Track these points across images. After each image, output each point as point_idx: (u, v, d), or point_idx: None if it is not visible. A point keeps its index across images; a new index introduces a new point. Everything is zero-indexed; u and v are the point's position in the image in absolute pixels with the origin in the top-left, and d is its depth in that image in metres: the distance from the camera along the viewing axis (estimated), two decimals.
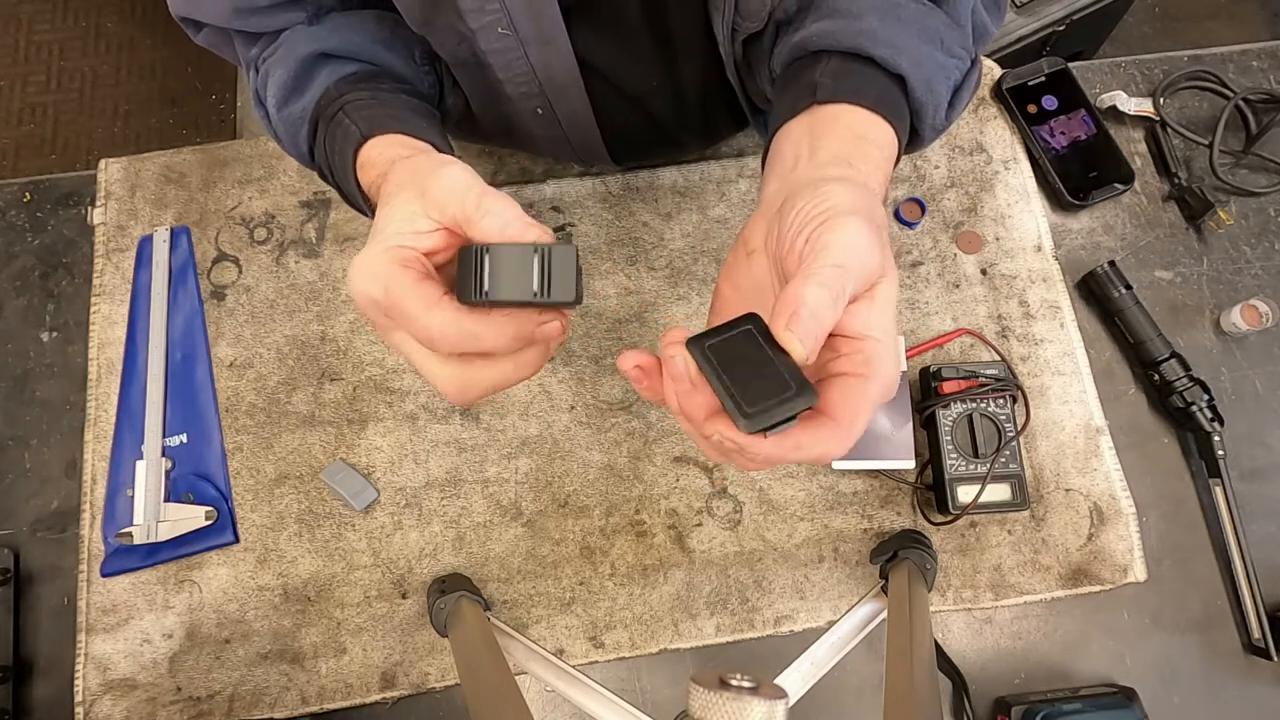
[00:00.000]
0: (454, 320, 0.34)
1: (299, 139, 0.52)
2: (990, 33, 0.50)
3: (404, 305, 0.34)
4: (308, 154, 0.53)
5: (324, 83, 0.51)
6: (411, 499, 0.68)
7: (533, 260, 0.33)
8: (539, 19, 0.52)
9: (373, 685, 0.65)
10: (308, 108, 0.51)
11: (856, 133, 0.41)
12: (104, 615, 0.66)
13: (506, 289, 0.33)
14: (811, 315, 0.31)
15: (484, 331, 0.35)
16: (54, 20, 1.97)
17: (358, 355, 0.72)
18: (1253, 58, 0.80)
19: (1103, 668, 0.66)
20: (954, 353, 0.71)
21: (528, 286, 0.33)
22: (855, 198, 0.35)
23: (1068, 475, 0.68)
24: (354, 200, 0.50)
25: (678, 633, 0.65)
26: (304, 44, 0.52)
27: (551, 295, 0.33)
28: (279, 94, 0.51)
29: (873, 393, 0.33)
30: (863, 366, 0.33)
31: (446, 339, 0.34)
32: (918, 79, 0.43)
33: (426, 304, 0.34)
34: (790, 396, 0.31)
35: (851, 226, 0.33)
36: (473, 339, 0.35)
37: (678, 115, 0.66)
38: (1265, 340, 0.72)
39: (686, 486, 0.68)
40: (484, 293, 0.33)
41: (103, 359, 0.72)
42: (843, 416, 0.32)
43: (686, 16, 0.56)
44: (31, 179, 0.80)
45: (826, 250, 0.32)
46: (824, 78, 0.42)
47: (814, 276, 0.31)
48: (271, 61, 0.52)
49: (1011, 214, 0.74)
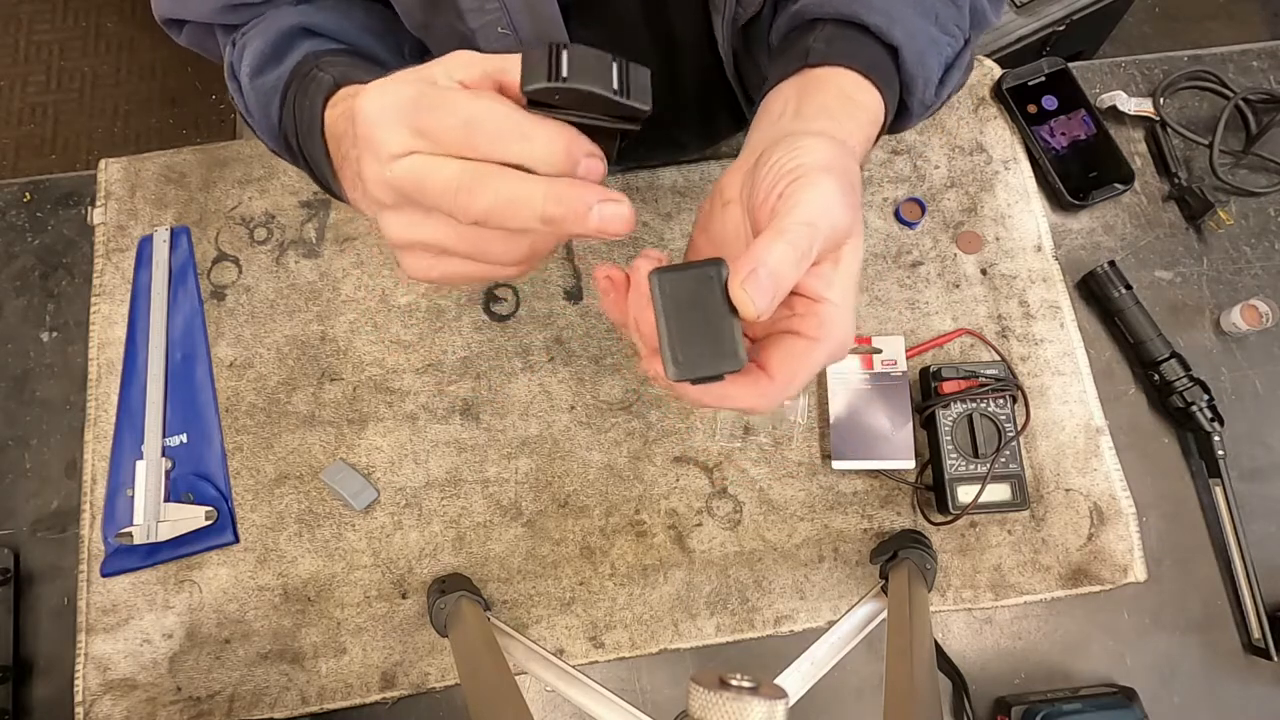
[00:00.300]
0: (501, 105, 0.30)
1: (270, 109, 0.48)
2: (989, 21, 0.50)
3: (439, 95, 0.30)
4: (277, 124, 0.49)
5: (302, 53, 0.48)
6: (411, 499, 0.68)
7: (611, 64, 0.30)
8: (538, 18, 0.52)
9: (373, 685, 0.65)
10: (283, 76, 0.48)
11: (845, 92, 0.41)
12: (104, 615, 0.66)
13: (584, 76, 0.29)
14: (770, 274, 0.30)
15: (532, 129, 0.30)
16: (54, 20, 1.97)
17: (358, 355, 0.72)
18: (1253, 58, 0.80)
19: (1103, 668, 0.66)
20: (954, 353, 0.71)
21: (607, 82, 0.30)
22: (831, 153, 0.34)
23: (1068, 475, 0.68)
24: (318, 165, 0.45)
25: (678, 633, 0.65)
26: (288, 17, 0.50)
27: (630, 97, 0.30)
28: (255, 62, 0.48)
29: (819, 356, 0.32)
30: (815, 329, 0.33)
31: (490, 122, 0.29)
32: (910, 50, 0.43)
33: (471, 93, 0.30)
34: (722, 355, 0.30)
35: (825, 184, 0.32)
36: (518, 136, 0.30)
37: (678, 115, 0.66)
38: (1265, 340, 0.72)
39: (686, 486, 0.68)
40: (559, 74, 0.29)
41: (103, 359, 0.72)
42: (779, 375, 0.32)
43: (686, 16, 0.56)
44: (31, 179, 0.80)
45: (798, 207, 0.32)
46: (817, 43, 0.42)
47: (782, 234, 0.31)
48: (250, 34, 0.50)
49: (1011, 214, 0.74)
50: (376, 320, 0.73)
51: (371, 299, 0.73)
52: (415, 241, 0.33)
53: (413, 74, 0.32)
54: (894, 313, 0.72)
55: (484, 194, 0.30)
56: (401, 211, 0.33)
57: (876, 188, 0.75)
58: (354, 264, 0.74)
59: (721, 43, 0.54)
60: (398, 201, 0.32)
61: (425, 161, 0.30)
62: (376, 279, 0.74)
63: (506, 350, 0.72)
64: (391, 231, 0.34)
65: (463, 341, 0.72)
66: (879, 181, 0.75)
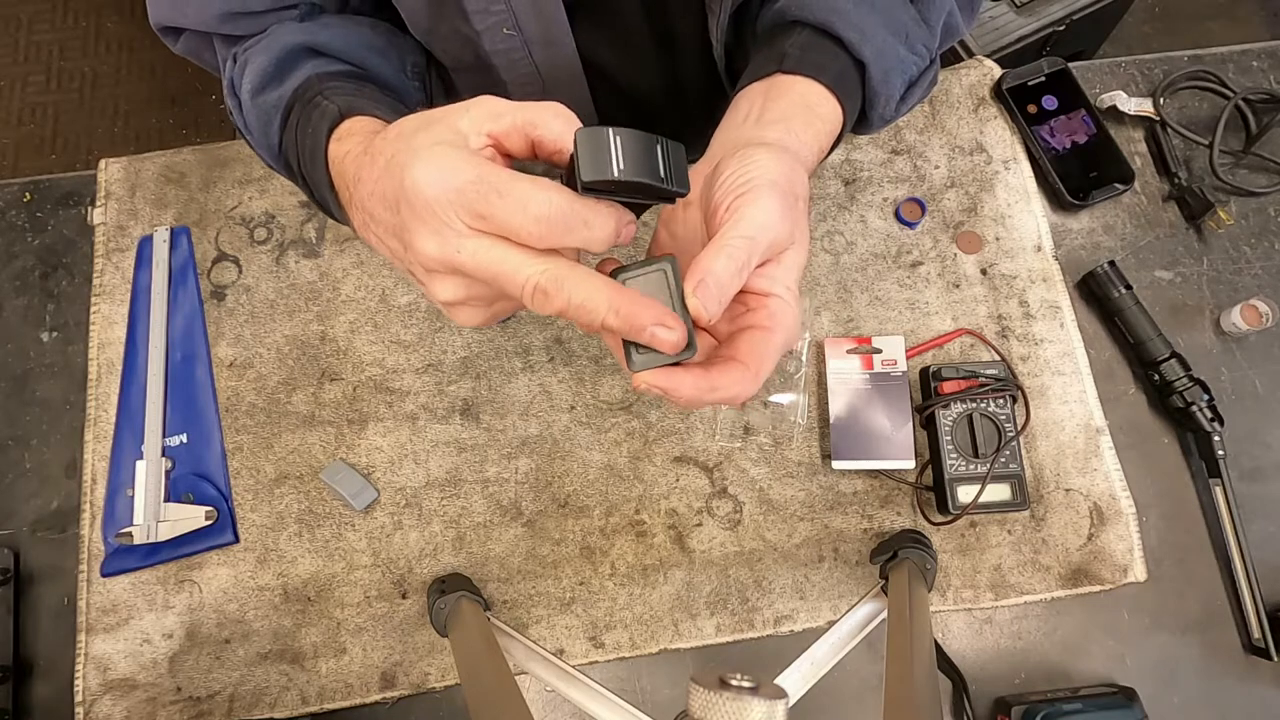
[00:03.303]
0: (568, 199, 0.32)
1: (270, 129, 0.49)
2: (961, 32, 0.52)
3: (505, 184, 0.31)
4: (277, 145, 0.49)
5: (306, 74, 0.48)
6: (411, 499, 0.68)
7: (656, 148, 0.33)
8: (544, 19, 0.52)
9: (373, 685, 0.65)
10: (284, 96, 0.48)
11: (808, 103, 0.44)
12: (104, 615, 0.66)
13: (637, 168, 0.32)
14: (716, 283, 0.34)
15: (593, 216, 0.33)
16: (54, 20, 1.97)
17: (358, 355, 0.72)
18: (1253, 58, 0.80)
19: (1103, 668, 0.66)
20: (954, 353, 0.71)
21: (655, 169, 0.32)
22: (778, 168, 0.37)
23: (1068, 475, 0.68)
24: (319, 190, 0.46)
25: (678, 633, 0.65)
26: (291, 35, 0.49)
27: (674, 183, 0.33)
28: (256, 80, 0.48)
29: (777, 342, 0.36)
30: (767, 320, 0.37)
31: (558, 219, 0.31)
32: (877, 68, 0.45)
33: (533, 182, 0.31)
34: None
35: (765, 201, 0.36)
36: (581, 225, 0.32)
37: (680, 114, 0.66)
38: (1265, 340, 0.72)
39: (686, 486, 0.68)
40: (618, 169, 0.31)
41: (103, 359, 0.72)
42: (751, 362, 0.36)
43: (686, 16, 0.56)
44: (31, 179, 0.80)
45: (741, 222, 0.35)
46: (792, 48, 0.45)
47: (725, 248, 0.34)
48: (253, 50, 0.50)
49: (1011, 214, 0.74)
50: (376, 320, 0.73)
51: (371, 299, 0.73)
52: (469, 299, 0.35)
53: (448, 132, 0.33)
54: (894, 313, 0.72)
55: (558, 299, 0.32)
56: (456, 278, 0.34)
57: (877, 188, 0.75)
58: (354, 264, 0.74)
59: (716, 45, 0.54)
60: (454, 272, 0.34)
61: (502, 255, 0.32)
62: (376, 279, 0.74)
63: (506, 350, 0.72)
64: (444, 295, 0.35)
65: (463, 341, 0.72)
66: (879, 181, 0.75)
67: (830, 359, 0.69)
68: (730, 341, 0.37)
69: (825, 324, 0.72)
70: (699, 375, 0.35)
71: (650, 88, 0.63)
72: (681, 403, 0.35)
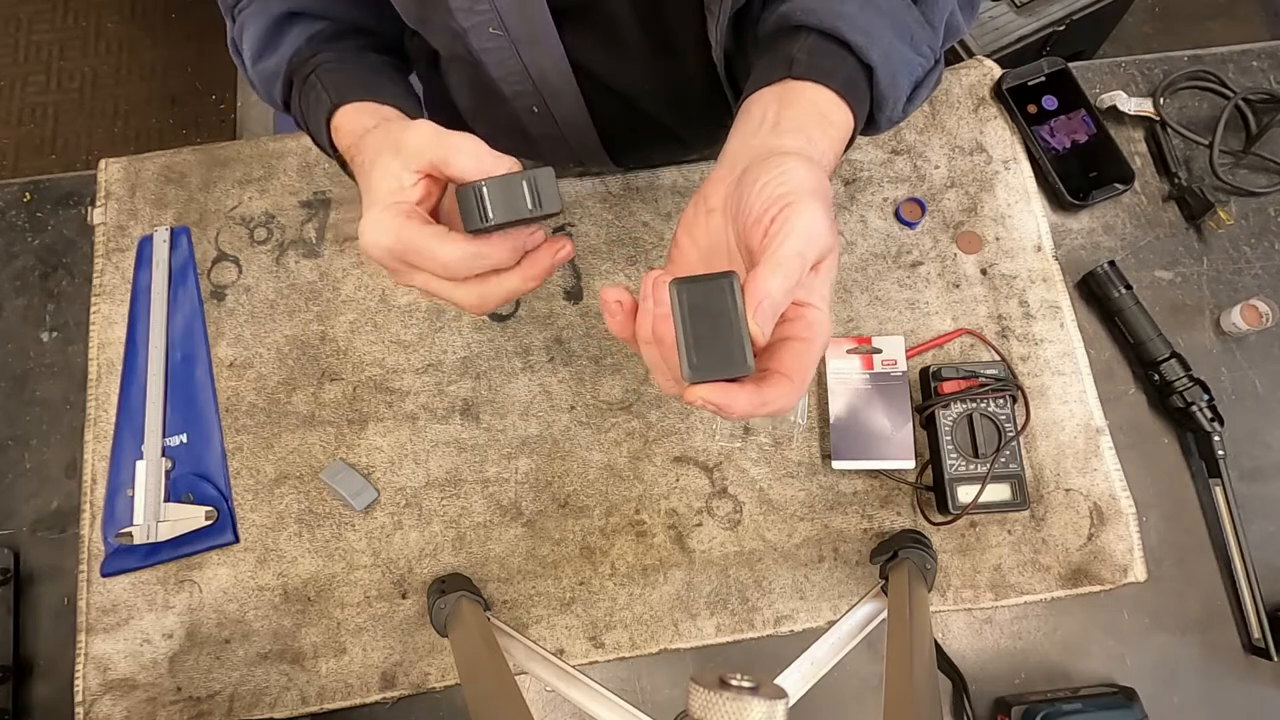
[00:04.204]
0: (464, 247, 0.40)
1: (274, 92, 0.57)
2: (963, 31, 0.52)
3: (418, 244, 0.40)
4: (283, 106, 0.58)
5: (294, 41, 0.55)
6: (411, 499, 0.68)
7: (522, 185, 0.39)
8: (528, 21, 0.52)
9: (373, 685, 0.65)
10: (280, 64, 0.55)
11: (821, 111, 0.44)
12: (104, 615, 0.66)
13: (505, 211, 0.39)
14: (773, 305, 0.35)
15: (489, 251, 0.41)
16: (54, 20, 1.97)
17: (358, 355, 0.72)
18: (1253, 58, 0.80)
19: (1103, 668, 0.66)
20: (954, 353, 0.71)
21: (522, 206, 0.39)
22: (813, 177, 0.38)
23: (1068, 475, 0.68)
24: (328, 152, 0.54)
25: (678, 633, 0.65)
26: (275, 4, 0.55)
27: (543, 208, 0.39)
28: (253, 48, 0.56)
29: (816, 351, 0.37)
30: (806, 330, 0.37)
31: (461, 264, 0.41)
32: (884, 72, 0.46)
33: (439, 239, 0.40)
34: (733, 361, 0.35)
35: (812, 212, 0.36)
36: (482, 259, 0.41)
37: (678, 115, 0.66)
38: (1265, 340, 0.72)
39: (686, 486, 0.68)
40: (488, 219, 0.39)
41: (103, 359, 0.72)
42: (796, 374, 0.37)
43: (683, 19, 0.56)
44: (31, 179, 0.80)
45: (791, 236, 0.36)
46: (800, 53, 0.45)
47: (780, 267, 0.35)
48: (247, 14, 0.56)
49: (1011, 214, 0.74)
50: (376, 320, 0.73)
51: (371, 299, 0.73)
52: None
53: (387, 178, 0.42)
54: (894, 313, 0.72)
55: (492, 302, 0.43)
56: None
57: (877, 188, 0.75)
58: (354, 264, 0.74)
59: (715, 48, 0.54)
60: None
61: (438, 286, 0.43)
62: (376, 279, 0.74)
63: (506, 350, 0.72)
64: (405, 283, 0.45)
65: (463, 341, 0.72)
66: (879, 181, 0.75)
67: (830, 359, 0.69)
68: (771, 353, 0.38)
69: None
70: (752, 391, 0.36)
71: (645, 90, 0.63)
72: (733, 417, 0.37)
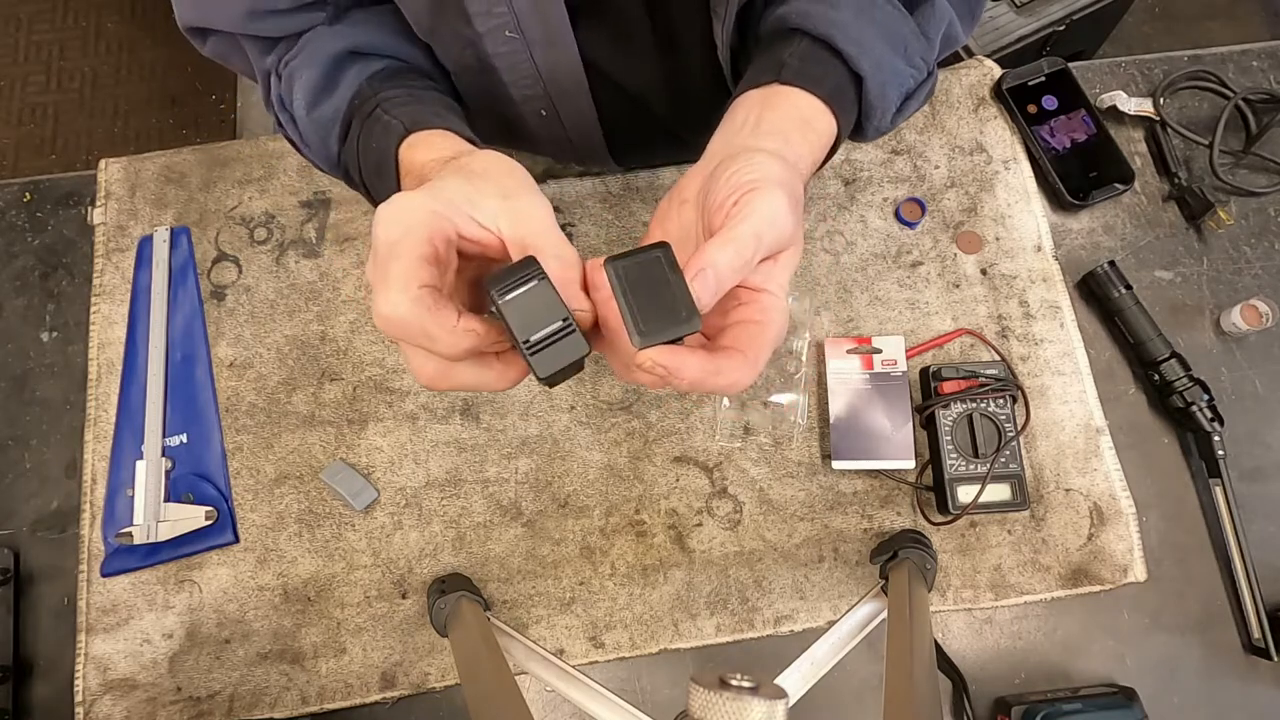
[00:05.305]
0: (467, 329, 0.36)
1: (329, 140, 0.51)
2: (961, 41, 0.53)
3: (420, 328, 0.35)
4: (336, 155, 0.52)
5: (354, 80, 0.50)
6: (411, 499, 0.68)
7: (559, 324, 0.35)
8: (546, 21, 0.52)
9: (373, 685, 0.65)
10: (340, 107, 0.50)
11: (804, 116, 0.44)
12: (104, 615, 0.66)
13: (519, 317, 0.35)
14: (716, 276, 0.35)
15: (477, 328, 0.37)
16: (54, 20, 1.97)
17: (358, 355, 0.72)
18: (1253, 58, 0.80)
19: (1103, 668, 0.66)
20: (954, 353, 0.71)
21: (531, 332, 0.35)
22: (782, 172, 0.38)
23: (1068, 475, 0.68)
24: (381, 196, 0.49)
25: (678, 633, 0.65)
26: (330, 42, 0.51)
27: (534, 356, 0.35)
28: (308, 95, 0.50)
29: (770, 335, 0.37)
30: (760, 314, 0.38)
31: (457, 347, 0.36)
32: (874, 82, 0.46)
33: (440, 326, 0.35)
34: (678, 320, 0.35)
35: (775, 198, 0.36)
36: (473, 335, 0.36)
37: (681, 114, 0.66)
38: (1265, 340, 0.72)
39: (686, 486, 0.68)
40: (500, 308, 0.35)
41: (103, 359, 0.72)
42: (749, 351, 0.37)
43: (688, 16, 0.56)
44: (31, 179, 0.80)
45: (750, 217, 0.36)
46: (791, 58, 0.45)
47: (731, 241, 0.35)
48: (296, 64, 0.51)
49: (1011, 214, 0.74)
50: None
51: (371, 299, 0.73)
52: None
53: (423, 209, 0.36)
54: (894, 313, 0.72)
55: (445, 385, 0.39)
56: None
57: (877, 188, 0.75)
58: (354, 264, 0.74)
59: (721, 47, 0.54)
60: None
61: (448, 372, 0.38)
62: None
63: None
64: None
65: None
66: (879, 181, 0.75)
67: (830, 359, 0.69)
68: (724, 334, 0.38)
69: (825, 324, 0.72)
70: (704, 358, 0.35)
71: (652, 88, 0.63)
72: (684, 385, 0.35)
